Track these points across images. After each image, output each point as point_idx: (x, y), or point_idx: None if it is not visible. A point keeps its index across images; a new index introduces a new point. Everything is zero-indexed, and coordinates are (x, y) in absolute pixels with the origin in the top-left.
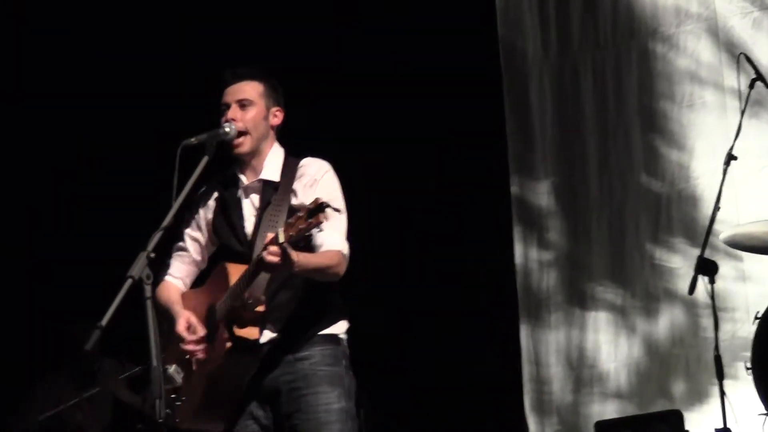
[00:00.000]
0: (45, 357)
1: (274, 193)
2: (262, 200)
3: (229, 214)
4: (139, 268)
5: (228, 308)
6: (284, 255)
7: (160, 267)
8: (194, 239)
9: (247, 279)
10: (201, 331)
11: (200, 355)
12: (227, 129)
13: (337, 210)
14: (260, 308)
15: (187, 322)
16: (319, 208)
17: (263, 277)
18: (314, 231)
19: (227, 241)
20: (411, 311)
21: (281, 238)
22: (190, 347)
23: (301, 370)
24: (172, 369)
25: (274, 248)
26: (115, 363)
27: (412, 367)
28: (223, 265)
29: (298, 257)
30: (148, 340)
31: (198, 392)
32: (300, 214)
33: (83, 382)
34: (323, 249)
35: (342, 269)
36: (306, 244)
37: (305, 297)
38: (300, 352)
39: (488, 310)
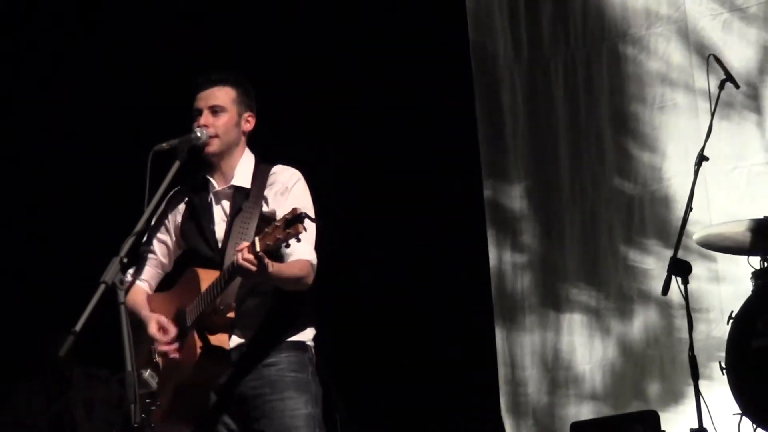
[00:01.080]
0: (19, 365)
1: (245, 200)
2: (232, 206)
3: (198, 218)
4: (112, 273)
5: (199, 314)
6: (260, 264)
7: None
8: (162, 242)
9: (221, 285)
10: (173, 331)
11: (174, 355)
12: (198, 134)
13: (313, 220)
14: (230, 314)
15: (158, 324)
16: (297, 219)
17: (235, 284)
18: (292, 241)
19: (195, 245)
20: (386, 315)
21: (258, 247)
22: (164, 348)
23: (267, 376)
24: (147, 374)
25: (249, 256)
26: (83, 375)
27: (388, 370)
28: (194, 270)
29: (273, 268)
30: (122, 345)
31: (167, 396)
32: (277, 223)
33: (55, 392)
34: (293, 258)
35: (310, 279)
36: (275, 251)
37: (273, 304)
38: (267, 359)
39: (463, 313)
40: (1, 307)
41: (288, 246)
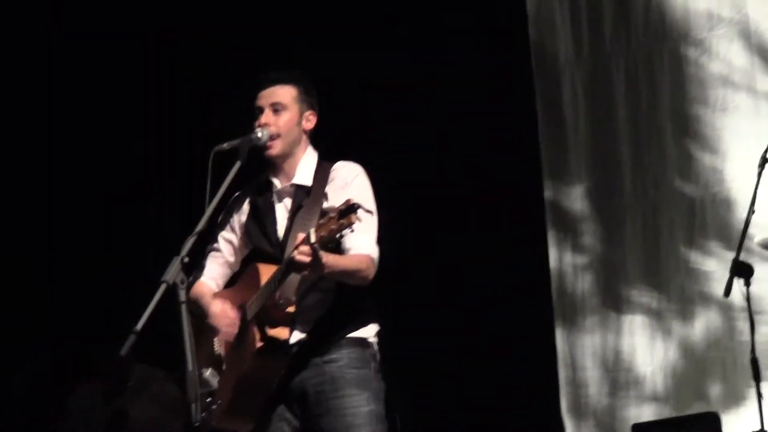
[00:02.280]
0: (79, 365)
1: (306, 197)
2: (293, 204)
3: (261, 217)
4: (173, 272)
5: (259, 308)
6: (314, 255)
7: (193, 269)
8: (228, 241)
9: (279, 279)
10: (232, 313)
11: (231, 335)
12: (259, 134)
13: (368, 211)
14: (290, 308)
15: (221, 305)
16: (350, 209)
17: (294, 278)
18: (346, 232)
19: (259, 243)
20: (447, 316)
21: (312, 239)
22: (222, 325)
23: (329, 373)
24: (208, 373)
25: (304, 248)
26: (146, 368)
27: (449, 371)
28: (255, 265)
29: (328, 259)
30: (182, 345)
31: (228, 392)
32: (331, 215)
33: (116, 389)
34: (353, 252)
35: (371, 273)
36: (336, 246)
37: (335, 299)
38: (328, 355)
39: (524, 314)
40: (63, 307)
41: (342, 237)
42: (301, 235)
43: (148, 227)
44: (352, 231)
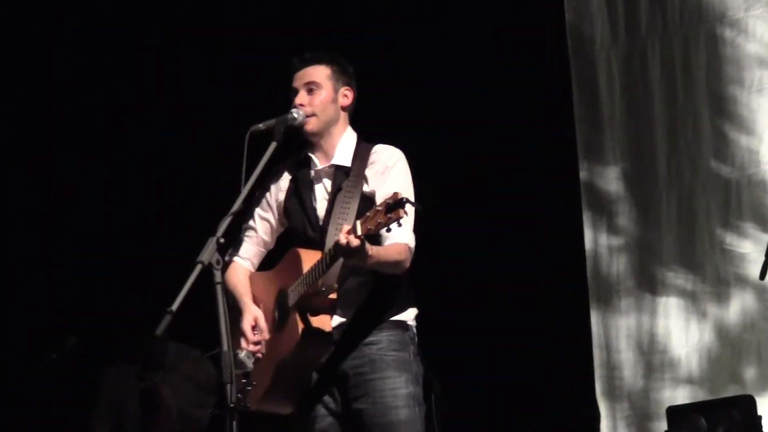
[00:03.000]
0: (112, 345)
1: (346, 178)
2: (333, 185)
3: (301, 196)
4: (209, 253)
5: (301, 295)
6: (361, 246)
7: (229, 248)
8: (264, 219)
9: (324, 267)
10: (266, 334)
11: (259, 356)
12: (295, 114)
13: (414, 205)
14: (333, 296)
15: (254, 321)
16: (398, 204)
17: (337, 265)
18: (393, 226)
19: (297, 224)
20: (481, 298)
21: (359, 231)
22: (251, 348)
23: (368, 355)
24: (243, 354)
25: (353, 239)
26: (181, 347)
27: (483, 353)
28: (296, 251)
29: (372, 251)
30: (218, 325)
31: (267, 376)
32: (378, 208)
33: (150, 368)
34: (390, 242)
35: (408, 263)
36: (375, 235)
37: (374, 283)
38: (368, 338)
39: (559, 296)
40: (99, 286)
41: (389, 230)
42: (347, 226)
43: (185, 207)
44: (399, 226)
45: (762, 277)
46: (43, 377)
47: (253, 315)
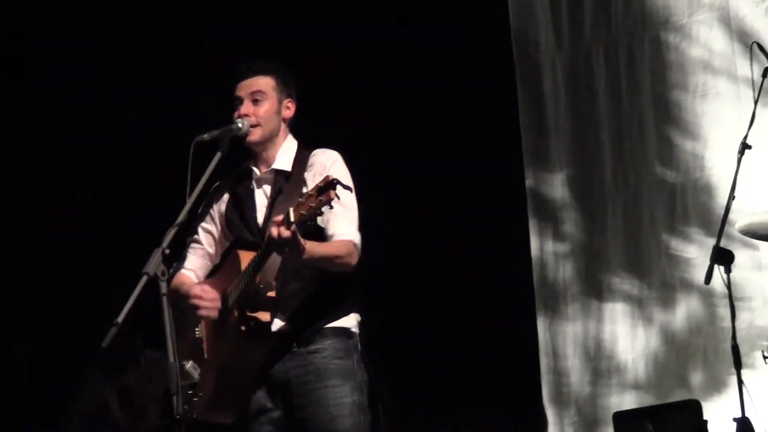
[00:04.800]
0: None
1: (286, 182)
2: (273, 189)
3: (241, 205)
4: (154, 264)
5: (239, 292)
6: (293, 235)
7: (174, 260)
8: (208, 232)
9: (258, 261)
10: (213, 293)
11: (214, 314)
12: (240, 125)
13: (348, 188)
14: (271, 293)
15: (201, 286)
16: (329, 185)
17: (274, 262)
18: (325, 209)
19: (239, 232)
20: (428, 304)
21: (292, 217)
22: (203, 303)
23: (312, 363)
24: (189, 365)
25: (283, 228)
26: (156, 353)
27: (430, 360)
28: (235, 252)
29: (307, 245)
30: (164, 337)
31: (210, 383)
32: (310, 192)
33: (115, 376)
34: (335, 239)
35: (353, 260)
36: (317, 233)
37: (317, 288)
38: (311, 345)
39: (505, 303)
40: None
41: (321, 213)
42: (279, 217)
43: (128, 219)
44: (331, 208)
45: (707, 281)
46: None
47: (197, 284)
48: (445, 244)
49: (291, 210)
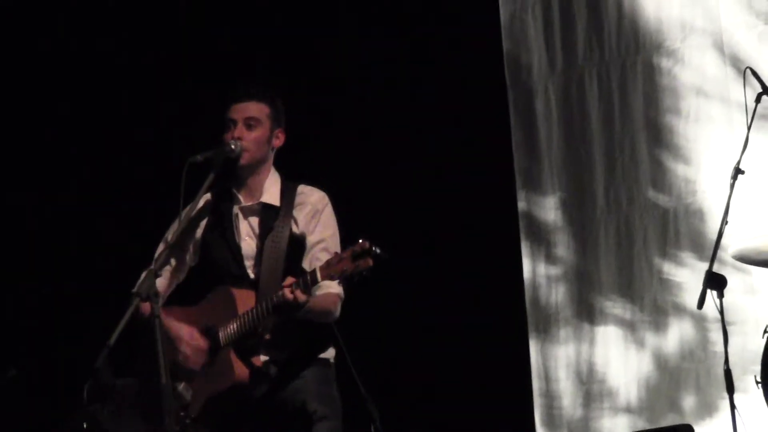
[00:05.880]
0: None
1: (275, 219)
2: (262, 224)
3: (224, 233)
4: (146, 286)
5: (237, 336)
6: (306, 302)
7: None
8: (178, 248)
9: (264, 314)
10: (202, 342)
11: (195, 365)
12: (233, 146)
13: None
14: (267, 336)
15: (188, 330)
16: (366, 252)
17: None
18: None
19: (219, 259)
20: (421, 327)
21: (318, 277)
22: (189, 351)
23: (296, 390)
24: (182, 386)
25: (299, 293)
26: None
27: (422, 383)
28: (229, 290)
29: (310, 303)
30: (156, 358)
31: (197, 406)
32: (344, 255)
33: (94, 399)
34: (323, 291)
35: (338, 313)
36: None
37: (303, 325)
38: (298, 374)
39: (497, 326)
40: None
41: (353, 280)
42: (291, 279)
43: (121, 238)
44: (366, 275)
45: (700, 306)
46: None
47: (185, 326)
48: (439, 266)
49: (318, 269)
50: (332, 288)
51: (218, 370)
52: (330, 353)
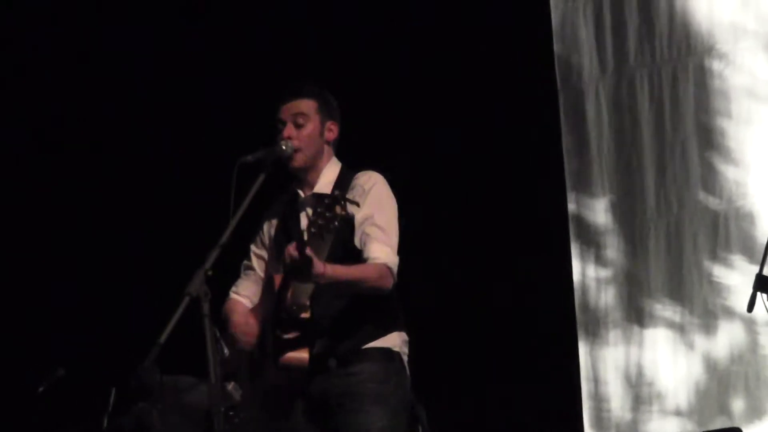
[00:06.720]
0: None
1: None
2: (313, 212)
3: (288, 230)
4: (197, 285)
5: (274, 317)
6: (304, 259)
7: (217, 282)
8: (259, 257)
9: (284, 285)
10: (254, 324)
11: (250, 345)
12: (284, 147)
13: (355, 203)
14: (305, 314)
15: (244, 316)
16: (335, 201)
17: (307, 284)
18: (333, 225)
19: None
20: (470, 329)
21: (305, 236)
22: (242, 333)
23: (348, 386)
24: (231, 386)
25: (293, 252)
26: (172, 378)
27: (472, 384)
28: (271, 276)
29: (330, 267)
30: (206, 357)
31: (257, 403)
32: (319, 210)
33: (140, 397)
34: (369, 262)
35: (387, 283)
36: (355, 255)
37: (356, 307)
38: (349, 366)
39: (546, 328)
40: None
41: (331, 229)
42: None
43: (173, 239)
44: (336, 224)
45: (750, 309)
46: (31, 410)
47: (242, 312)
48: (488, 268)
49: (303, 231)
50: (378, 257)
51: (264, 361)
52: (392, 341)
